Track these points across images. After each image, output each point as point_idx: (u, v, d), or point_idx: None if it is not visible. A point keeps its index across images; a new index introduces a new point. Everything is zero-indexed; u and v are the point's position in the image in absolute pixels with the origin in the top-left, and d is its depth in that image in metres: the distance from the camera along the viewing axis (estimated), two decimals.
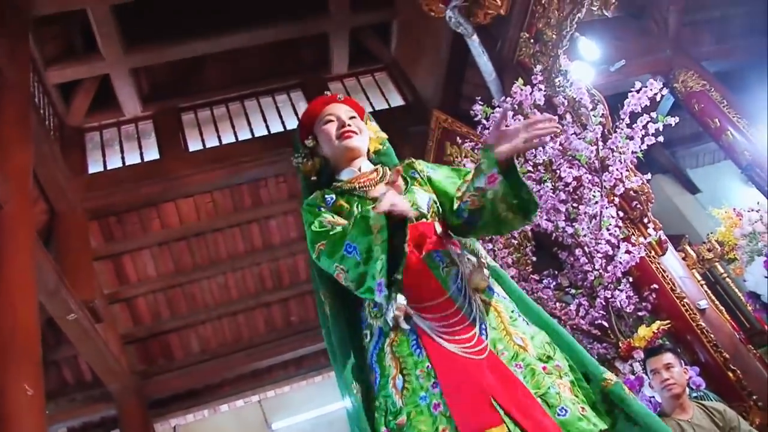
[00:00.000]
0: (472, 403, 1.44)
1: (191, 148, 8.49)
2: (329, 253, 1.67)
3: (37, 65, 7.18)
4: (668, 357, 3.39)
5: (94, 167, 8.14)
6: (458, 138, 5.83)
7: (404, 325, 1.59)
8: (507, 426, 1.39)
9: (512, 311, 1.70)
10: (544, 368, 1.55)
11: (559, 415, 1.45)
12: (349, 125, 1.94)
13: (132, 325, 8.32)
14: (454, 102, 7.86)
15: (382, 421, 1.55)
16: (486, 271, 1.72)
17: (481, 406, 1.43)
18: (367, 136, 2.01)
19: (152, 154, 8.38)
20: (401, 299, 1.59)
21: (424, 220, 1.78)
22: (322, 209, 1.82)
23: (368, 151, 2.02)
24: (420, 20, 7.44)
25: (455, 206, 1.79)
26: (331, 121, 1.95)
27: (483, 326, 1.60)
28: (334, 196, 1.87)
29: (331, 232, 1.70)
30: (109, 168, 8.16)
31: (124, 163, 8.29)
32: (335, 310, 1.79)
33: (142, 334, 8.42)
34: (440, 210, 1.84)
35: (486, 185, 1.66)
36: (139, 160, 8.31)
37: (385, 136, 2.09)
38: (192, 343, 8.71)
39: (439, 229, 1.79)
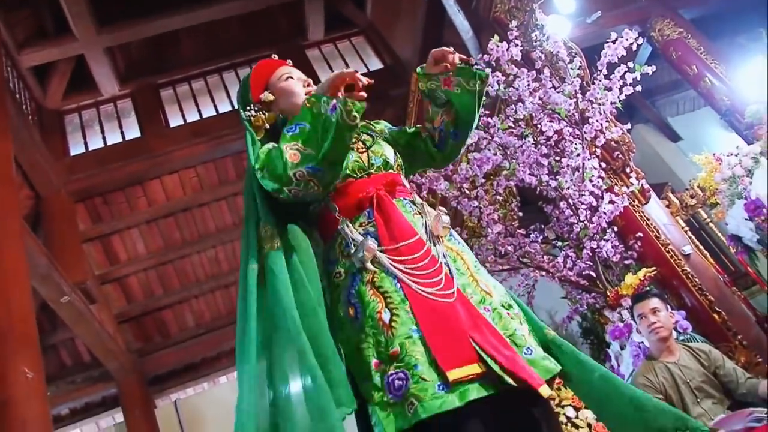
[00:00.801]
0: (452, 344, 1.48)
1: (172, 124, 8.45)
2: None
3: (9, 50, 7.09)
4: (654, 302, 3.47)
5: (76, 149, 8.09)
6: None
7: (370, 266, 1.60)
8: (486, 361, 1.45)
9: (474, 262, 1.76)
10: (507, 314, 1.64)
11: (525, 354, 1.54)
12: (310, 84, 1.95)
13: (126, 304, 8.36)
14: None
15: (371, 353, 1.53)
16: (446, 218, 1.76)
17: (460, 344, 1.48)
18: None
19: (133, 132, 8.34)
20: (371, 241, 1.62)
21: (391, 171, 1.85)
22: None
23: None
24: None
25: (424, 135, 1.97)
26: (292, 78, 1.94)
27: (451, 270, 1.65)
28: None
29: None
30: (90, 149, 8.10)
31: (105, 143, 8.23)
32: (282, 246, 1.71)
33: (137, 313, 8.47)
34: (402, 163, 1.93)
35: (447, 88, 1.83)
36: (120, 140, 8.26)
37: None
38: (186, 318, 8.78)
39: (404, 180, 1.89)
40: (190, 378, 8.70)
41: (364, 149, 1.85)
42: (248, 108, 1.90)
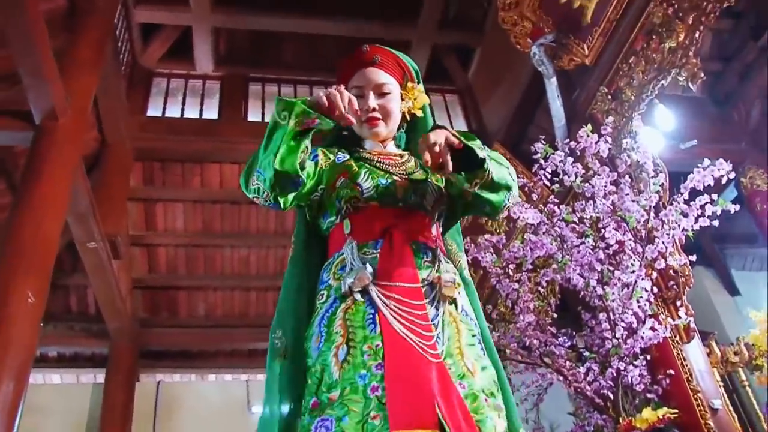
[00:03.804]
0: (414, 399, 1.31)
1: (250, 118, 8.53)
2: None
3: (127, 0, 7.33)
4: None
5: (153, 111, 8.23)
6: None
7: (358, 297, 1.48)
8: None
9: (473, 335, 1.57)
10: (485, 400, 1.45)
11: None
12: (375, 109, 1.79)
13: (147, 271, 8.37)
14: (516, 140, 7.78)
15: (313, 389, 1.41)
16: (458, 279, 1.62)
17: (422, 405, 1.30)
18: (398, 115, 1.85)
19: (212, 113, 8.44)
20: (368, 270, 1.51)
21: (424, 213, 1.70)
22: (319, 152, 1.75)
23: (402, 119, 1.89)
24: (503, 52, 7.38)
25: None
26: (360, 96, 1.78)
27: (441, 334, 1.48)
28: (348, 156, 1.77)
29: None
30: (166, 115, 8.23)
31: (182, 114, 8.36)
32: (301, 262, 1.73)
33: (154, 283, 8.47)
34: (443, 210, 1.77)
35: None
36: (197, 116, 8.36)
37: (427, 100, 1.92)
38: (199, 305, 8.73)
39: (434, 227, 1.73)
40: (181, 365, 8.58)
41: (405, 178, 1.71)
42: None
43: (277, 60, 9.12)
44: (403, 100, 1.86)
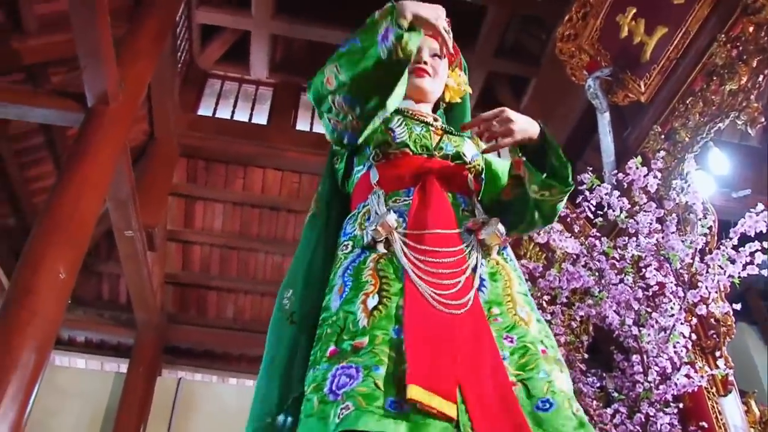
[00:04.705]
0: (433, 361, 1.16)
1: (299, 127, 8.62)
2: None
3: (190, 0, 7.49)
4: None
5: (204, 111, 8.40)
6: None
7: (380, 249, 1.38)
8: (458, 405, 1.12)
9: (522, 287, 1.45)
10: (543, 351, 1.29)
11: (537, 408, 1.17)
12: (425, 62, 1.73)
13: (180, 268, 8.43)
14: None
15: (332, 338, 1.27)
16: (502, 228, 1.45)
17: (442, 368, 1.16)
18: (443, 82, 1.80)
19: (261, 119, 8.55)
20: (392, 218, 1.40)
21: (462, 163, 1.61)
22: None
23: (440, 100, 1.84)
24: (558, 85, 7.32)
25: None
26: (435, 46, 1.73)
27: (482, 282, 1.37)
28: None
29: None
30: (216, 116, 8.38)
31: (232, 117, 8.49)
32: (323, 217, 1.66)
33: (186, 280, 8.51)
34: (482, 173, 1.68)
35: (517, 172, 1.55)
36: (246, 120, 8.49)
37: (469, 90, 1.89)
38: (228, 307, 8.74)
39: (471, 183, 1.62)
40: (204, 365, 8.60)
41: (440, 132, 1.64)
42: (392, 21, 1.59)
43: None
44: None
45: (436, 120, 1.71)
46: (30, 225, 5.86)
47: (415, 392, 1.09)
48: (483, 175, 1.70)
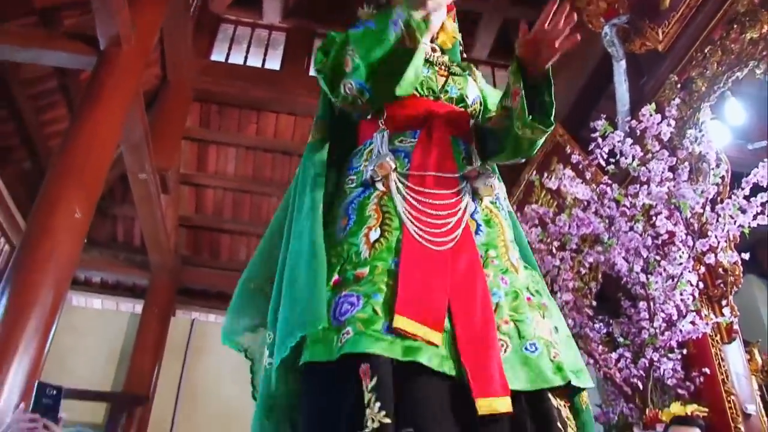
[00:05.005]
0: (422, 292, 1.27)
1: (312, 73, 8.52)
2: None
3: None
4: None
5: (217, 56, 8.33)
6: (568, 155, 5.58)
7: (380, 187, 1.47)
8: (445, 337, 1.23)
9: (513, 237, 1.55)
10: (528, 299, 1.40)
11: (526, 349, 1.28)
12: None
13: (193, 211, 8.51)
14: (577, 123, 7.57)
15: (336, 268, 1.35)
16: (495, 181, 1.54)
17: (431, 299, 1.27)
18: (441, 18, 1.82)
19: (274, 64, 8.47)
20: (390, 160, 1.48)
21: (464, 106, 1.68)
22: None
23: (435, 37, 1.86)
24: (573, 31, 7.18)
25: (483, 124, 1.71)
26: None
27: (479, 228, 1.46)
28: None
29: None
30: (229, 61, 8.31)
31: (245, 62, 8.42)
32: (325, 143, 1.67)
33: (199, 223, 8.60)
34: (479, 115, 1.74)
35: (510, 103, 1.55)
36: (259, 65, 8.42)
37: (459, 37, 1.92)
38: (240, 250, 8.84)
39: (471, 127, 1.69)
40: (217, 306, 8.72)
41: (445, 73, 1.69)
42: None
43: (345, 17, 9.04)
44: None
45: (434, 51, 1.78)
46: (45, 168, 5.94)
47: (401, 322, 1.21)
48: (480, 116, 1.75)
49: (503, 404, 1.17)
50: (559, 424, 1.24)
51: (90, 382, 7.08)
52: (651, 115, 4.14)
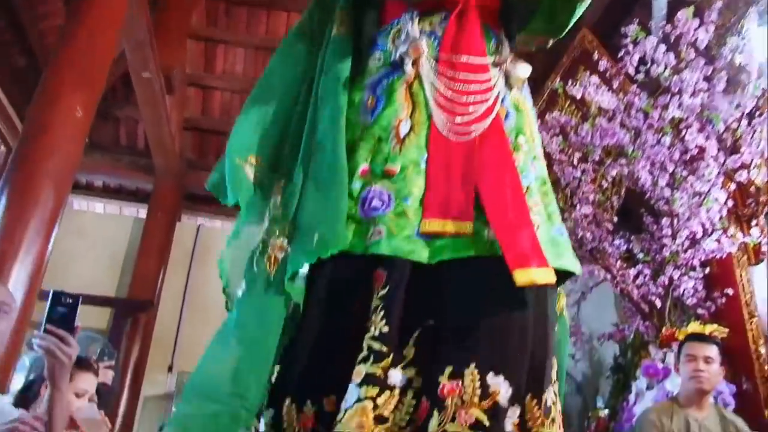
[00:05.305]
0: (448, 188, 1.29)
1: None
2: None
3: None
4: (713, 350, 3.15)
5: None
6: (596, 62, 5.25)
7: (408, 70, 1.39)
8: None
9: (534, 129, 1.50)
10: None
11: (556, 231, 1.33)
12: None
13: (200, 113, 8.22)
14: (608, 30, 7.19)
15: (365, 156, 1.34)
16: (526, 70, 1.47)
17: (457, 192, 1.28)
18: None
19: None
20: (423, 42, 1.41)
21: None
22: None
23: None
24: None
25: None
26: None
27: (509, 114, 1.42)
28: None
29: None
30: None
31: None
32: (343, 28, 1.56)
33: (206, 126, 8.32)
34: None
35: None
36: None
37: None
38: None
39: (500, 17, 1.57)
40: (223, 212, 8.58)
41: None
42: None
43: None
44: None
45: None
46: (41, 67, 5.66)
47: (429, 225, 1.24)
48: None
49: (541, 274, 1.18)
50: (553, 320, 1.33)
51: (93, 287, 7.01)
52: (688, 20, 3.83)
